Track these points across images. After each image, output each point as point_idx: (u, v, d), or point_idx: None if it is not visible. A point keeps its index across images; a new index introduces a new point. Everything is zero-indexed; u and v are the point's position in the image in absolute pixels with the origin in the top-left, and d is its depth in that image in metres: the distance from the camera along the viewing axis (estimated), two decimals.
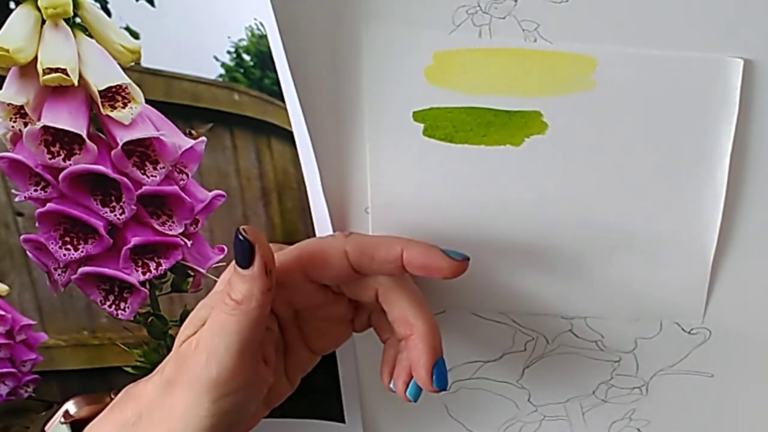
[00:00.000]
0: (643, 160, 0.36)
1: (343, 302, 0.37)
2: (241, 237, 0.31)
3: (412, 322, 0.34)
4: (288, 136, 0.37)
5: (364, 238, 0.35)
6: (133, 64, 0.36)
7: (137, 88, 0.37)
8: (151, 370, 0.35)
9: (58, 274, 0.41)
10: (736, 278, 0.39)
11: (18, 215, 0.40)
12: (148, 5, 0.35)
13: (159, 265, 0.40)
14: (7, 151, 0.38)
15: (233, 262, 0.33)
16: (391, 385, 0.37)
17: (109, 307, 0.41)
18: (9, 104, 0.36)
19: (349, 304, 0.37)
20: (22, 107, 0.36)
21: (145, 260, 0.40)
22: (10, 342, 0.43)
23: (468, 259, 0.34)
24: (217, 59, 0.36)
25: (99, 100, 0.36)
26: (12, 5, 0.35)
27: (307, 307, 0.36)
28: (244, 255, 0.31)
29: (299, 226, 0.40)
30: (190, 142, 0.38)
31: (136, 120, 0.37)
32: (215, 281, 0.36)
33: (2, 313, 0.42)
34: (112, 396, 0.37)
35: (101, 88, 0.36)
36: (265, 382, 0.35)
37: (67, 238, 0.39)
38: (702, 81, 0.34)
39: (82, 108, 0.37)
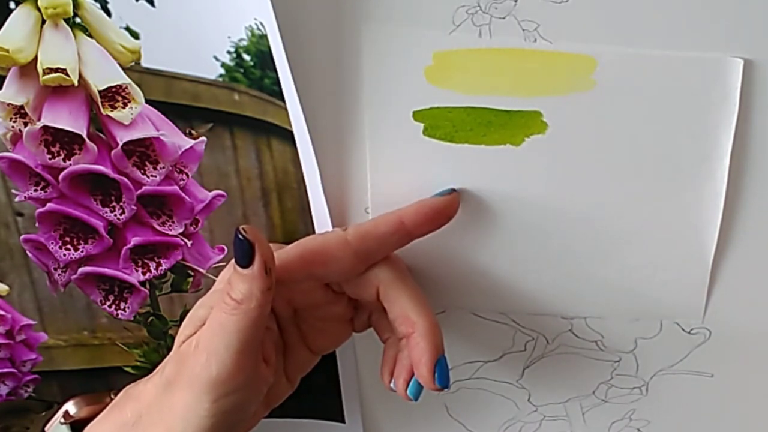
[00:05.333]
0: (643, 160, 0.36)
1: (343, 301, 0.37)
2: (241, 236, 0.31)
3: (413, 320, 0.34)
4: (288, 136, 0.37)
5: (362, 224, 0.35)
6: (133, 64, 0.36)
7: (137, 88, 0.37)
8: (151, 370, 0.36)
9: (58, 274, 0.41)
10: (736, 278, 0.39)
11: (18, 215, 0.40)
12: (148, 5, 0.35)
13: (159, 265, 0.40)
14: (7, 151, 0.38)
15: (232, 260, 0.33)
16: (392, 385, 0.37)
17: (109, 307, 0.41)
18: (9, 104, 0.36)
19: (349, 303, 0.38)
20: (22, 107, 0.36)
21: (145, 260, 0.40)
22: (10, 342, 0.43)
23: (455, 189, 0.36)
24: (217, 59, 0.36)
25: (99, 100, 0.36)
26: (12, 5, 0.35)
27: (307, 306, 0.36)
28: (244, 254, 0.31)
29: (299, 226, 0.40)
30: (190, 142, 0.38)
31: (136, 120, 0.37)
32: (215, 281, 0.36)
33: (2, 313, 0.42)
34: (112, 396, 0.37)
35: (101, 88, 0.36)
36: (265, 382, 0.35)
37: (67, 238, 0.39)
38: (702, 81, 0.34)
39: (82, 108, 0.37)
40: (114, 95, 0.37)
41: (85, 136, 0.37)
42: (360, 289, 0.36)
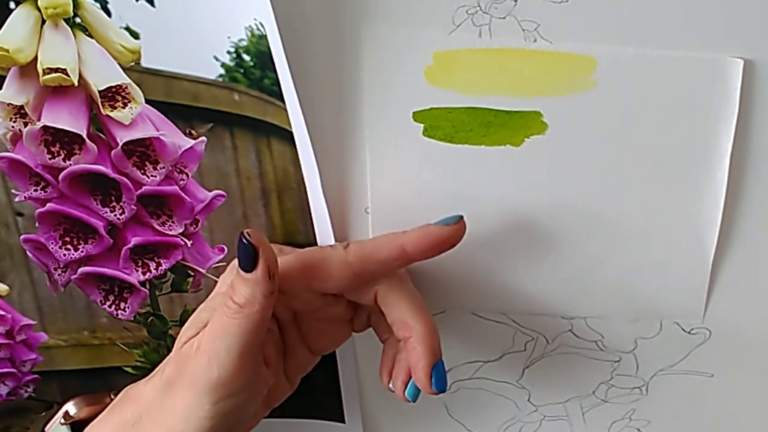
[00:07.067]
0: (643, 160, 0.36)
1: (342, 303, 0.37)
2: (245, 240, 0.31)
3: (410, 324, 0.34)
4: (288, 136, 0.37)
5: (364, 245, 0.34)
6: (133, 64, 0.36)
7: (137, 88, 0.37)
8: (151, 370, 0.36)
9: (58, 274, 0.41)
10: (736, 278, 0.39)
11: (18, 215, 0.40)
12: (148, 5, 0.35)
13: (159, 265, 0.40)
14: (7, 151, 0.38)
15: (233, 262, 0.33)
16: (390, 385, 0.37)
17: (109, 307, 0.41)
18: (9, 104, 0.36)
19: (348, 305, 0.37)
20: (22, 107, 0.36)
21: (145, 260, 0.40)
22: (10, 342, 0.43)
23: (461, 217, 0.34)
24: (217, 59, 0.36)
25: (99, 100, 0.36)
26: (12, 5, 0.35)
27: (307, 309, 0.36)
28: (248, 258, 0.31)
29: (299, 226, 0.40)
30: (190, 142, 0.38)
31: (136, 120, 0.37)
32: (215, 281, 0.36)
33: (2, 313, 0.42)
34: (112, 396, 0.37)
35: (101, 88, 0.36)
36: (265, 384, 0.35)
37: (67, 238, 0.39)
38: (702, 81, 0.34)
39: (82, 108, 0.37)
40: (114, 95, 0.37)
41: (85, 136, 0.37)
42: (359, 294, 0.36)
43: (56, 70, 0.36)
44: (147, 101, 0.37)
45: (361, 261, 0.34)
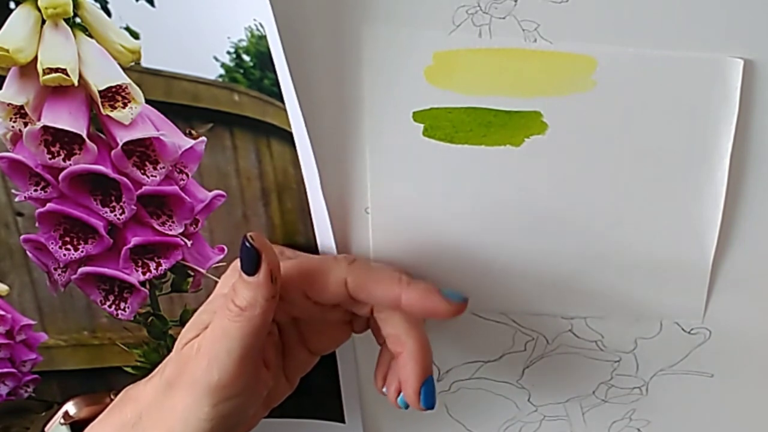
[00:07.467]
0: (643, 160, 0.36)
1: (341, 310, 0.37)
2: (248, 244, 0.31)
3: (403, 340, 0.34)
4: (288, 137, 0.37)
5: (366, 272, 0.34)
6: (133, 64, 0.36)
7: (137, 88, 0.37)
8: (151, 370, 0.36)
9: (58, 274, 0.41)
10: (736, 278, 0.39)
11: (18, 215, 0.40)
12: (148, 5, 0.35)
13: (159, 265, 0.40)
14: (7, 151, 0.38)
15: (234, 263, 0.33)
16: (384, 389, 0.37)
17: (109, 307, 0.41)
18: (9, 104, 0.36)
19: (347, 311, 0.37)
20: (22, 107, 0.36)
21: (145, 260, 0.40)
22: (10, 342, 0.43)
23: (466, 300, 0.34)
24: (217, 59, 0.36)
25: (99, 100, 0.36)
26: (12, 5, 0.35)
27: (306, 316, 0.36)
28: (251, 262, 0.31)
29: (299, 226, 0.40)
30: (190, 142, 0.38)
31: (136, 120, 0.37)
32: (215, 281, 0.36)
33: (2, 313, 0.42)
34: (112, 396, 0.37)
35: (101, 88, 0.36)
36: (265, 386, 0.35)
37: (67, 238, 0.39)
38: (702, 81, 0.34)
39: (82, 108, 0.37)
40: (114, 95, 0.37)
41: (85, 136, 0.37)
42: (354, 307, 0.36)
43: (56, 70, 0.36)
44: (147, 101, 0.37)
45: (356, 288, 0.34)
